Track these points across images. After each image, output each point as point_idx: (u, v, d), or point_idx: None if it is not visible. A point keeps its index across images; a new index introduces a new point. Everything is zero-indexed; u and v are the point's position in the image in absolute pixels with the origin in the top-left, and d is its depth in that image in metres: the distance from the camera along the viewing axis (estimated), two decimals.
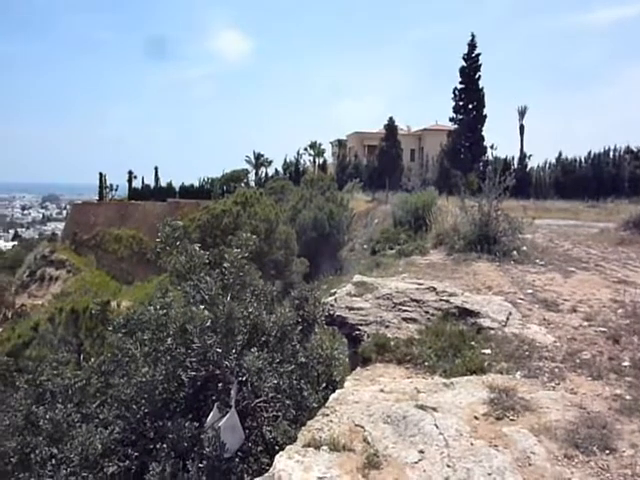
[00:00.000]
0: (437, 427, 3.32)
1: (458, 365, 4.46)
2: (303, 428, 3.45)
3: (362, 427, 3.34)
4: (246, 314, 4.57)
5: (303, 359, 4.82)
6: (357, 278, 7.03)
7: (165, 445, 3.82)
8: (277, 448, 4.40)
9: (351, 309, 6.00)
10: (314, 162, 53.77)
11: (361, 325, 5.72)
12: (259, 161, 55.06)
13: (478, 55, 35.68)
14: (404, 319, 5.78)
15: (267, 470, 3.91)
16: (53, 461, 3.95)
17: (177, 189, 54.33)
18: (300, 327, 4.85)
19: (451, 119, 36.75)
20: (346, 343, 6.11)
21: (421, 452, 3.07)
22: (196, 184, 54.00)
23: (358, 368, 4.91)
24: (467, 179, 27.06)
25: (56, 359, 5.17)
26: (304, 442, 3.19)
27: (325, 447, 3.07)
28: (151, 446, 4.03)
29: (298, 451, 3.05)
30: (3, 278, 62.40)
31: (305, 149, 53.38)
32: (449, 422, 3.37)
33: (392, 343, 5.02)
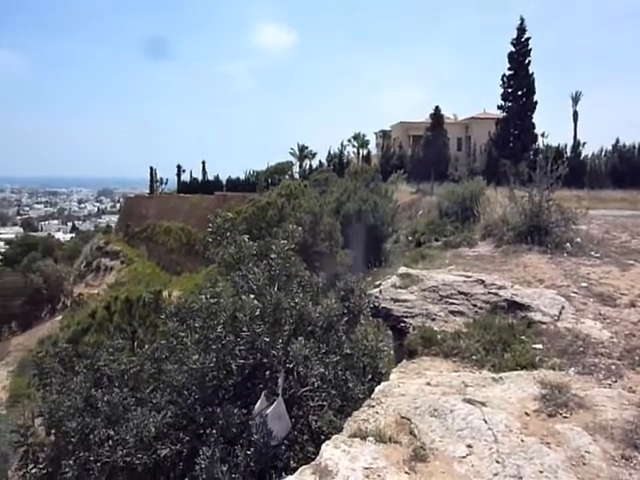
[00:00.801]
0: (486, 422, 3.26)
1: (507, 360, 4.35)
2: (349, 418, 3.47)
3: (408, 420, 3.32)
4: (293, 304, 4.63)
5: (348, 350, 4.84)
6: (402, 270, 6.96)
7: (215, 430, 3.94)
8: (322, 437, 4.45)
9: (396, 301, 5.96)
10: (358, 153, 53.42)
11: (406, 317, 5.67)
12: (303, 153, 55.26)
13: (528, 39, 34.18)
14: (451, 312, 5.69)
15: (313, 459, 3.96)
16: (110, 442, 4.16)
17: (224, 182, 55.45)
18: (346, 318, 4.87)
19: (499, 107, 35.49)
20: (391, 335, 6.08)
21: (469, 447, 3.02)
22: (242, 177, 54.95)
23: (404, 361, 4.88)
24: (517, 168, 26.14)
25: (112, 345, 5.42)
26: (350, 432, 3.22)
27: (371, 438, 3.08)
28: (201, 431, 4.17)
29: (344, 441, 3.07)
30: (62, 268, 65.91)
31: (349, 140, 53.11)
32: (498, 417, 3.30)
33: (439, 336, 4.96)
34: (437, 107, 40.29)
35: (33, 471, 4.45)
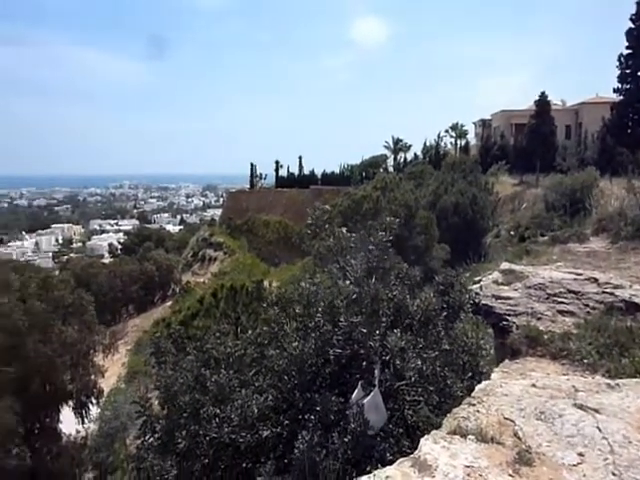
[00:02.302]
0: (600, 430, 3.03)
1: (625, 365, 4.00)
2: (448, 415, 3.40)
3: (512, 421, 3.18)
4: (391, 296, 4.62)
5: (447, 346, 4.73)
6: (505, 266, 6.65)
7: (313, 416, 4.07)
8: (418, 433, 4.41)
9: (498, 298, 5.71)
10: (455, 144, 51.53)
11: (509, 315, 5.42)
12: (397, 146, 54.47)
13: None
14: (559, 311, 5.34)
15: (408, 453, 3.93)
16: (217, 419, 4.46)
17: (319, 176, 56.46)
18: (445, 313, 4.76)
19: (616, 90, 32.17)
20: (491, 334, 5.84)
21: (580, 455, 2.83)
22: (336, 171, 55.55)
23: (506, 360, 4.68)
24: (636, 157, 23.63)
25: (219, 329, 5.80)
26: (449, 429, 3.15)
27: (472, 437, 3.00)
28: (300, 416, 4.32)
29: (444, 437, 3.02)
30: (172, 258, 71.34)
31: (446, 131, 51.38)
32: (614, 426, 3.05)
33: (546, 336, 4.68)
34: (543, 93, 37.52)
35: (150, 440, 4.92)
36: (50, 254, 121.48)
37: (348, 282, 4.80)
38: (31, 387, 24.13)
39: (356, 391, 4.12)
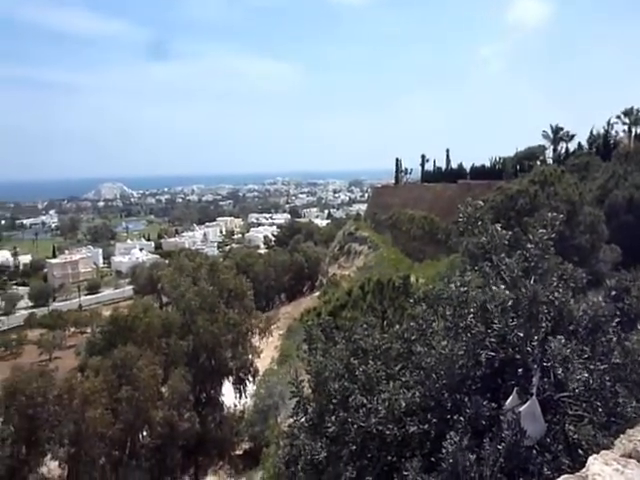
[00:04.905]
0: None
1: None
2: (622, 436, 3.02)
3: None
4: (552, 299, 4.25)
5: (619, 359, 4.20)
6: None
7: (462, 418, 3.95)
8: (580, 452, 4.00)
9: None
10: (630, 132, 44.94)
11: None
12: (558, 135, 49.35)
13: None
14: None
15: (567, 471, 3.60)
16: (364, 409, 4.58)
17: (467, 170, 53.98)
18: (617, 320, 4.23)
19: None
20: None
21: None
22: (487, 164, 52.46)
23: None
24: None
25: (366, 321, 5.92)
26: (623, 452, 2.81)
27: None
28: (448, 416, 4.22)
29: (617, 459, 2.69)
30: (320, 250, 74.63)
31: (617, 117, 45.06)
32: None
33: None
34: None
35: (302, 420, 5.25)
36: (215, 244, 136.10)
37: (502, 283, 4.53)
38: (200, 361, 27.42)
39: (511, 398, 3.88)
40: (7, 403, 21.21)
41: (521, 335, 4.07)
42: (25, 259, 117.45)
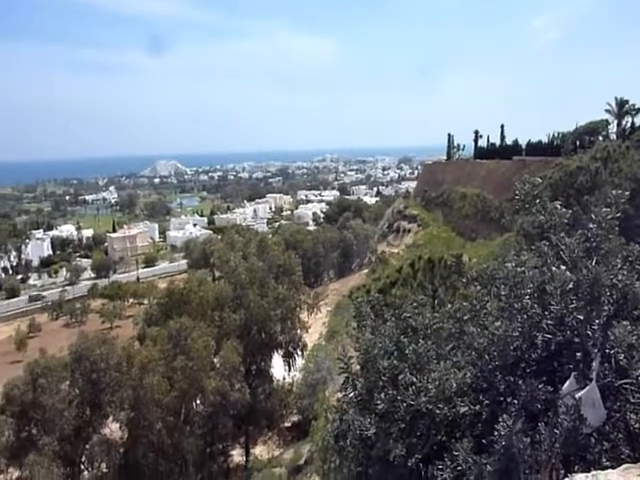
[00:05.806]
0: None
1: None
2: None
3: None
4: (615, 282, 4.03)
5: None
6: None
7: (516, 401, 3.85)
8: None
9: None
10: None
11: None
12: (623, 109, 45.92)
13: None
14: None
15: (627, 461, 3.47)
16: (414, 387, 4.55)
17: (523, 146, 51.59)
18: None
19: None
20: None
21: None
22: (544, 140, 49.88)
23: None
24: None
25: (416, 300, 5.85)
26: None
27: None
28: (500, 398, 4.13)
29: None
30: (369, 228, 74.29)
31: None
32: None
33: None
34: None
35: (351, 395, 5.30)
36: (265, 220, 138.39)
37: (561, 264, 4.33)
38: (250, 334, 28.22)
39: (568, 382, 3.74)
40: (73, 367, 22.69)
41: (581, 318, 3.89)
42: (87, 233, 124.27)
